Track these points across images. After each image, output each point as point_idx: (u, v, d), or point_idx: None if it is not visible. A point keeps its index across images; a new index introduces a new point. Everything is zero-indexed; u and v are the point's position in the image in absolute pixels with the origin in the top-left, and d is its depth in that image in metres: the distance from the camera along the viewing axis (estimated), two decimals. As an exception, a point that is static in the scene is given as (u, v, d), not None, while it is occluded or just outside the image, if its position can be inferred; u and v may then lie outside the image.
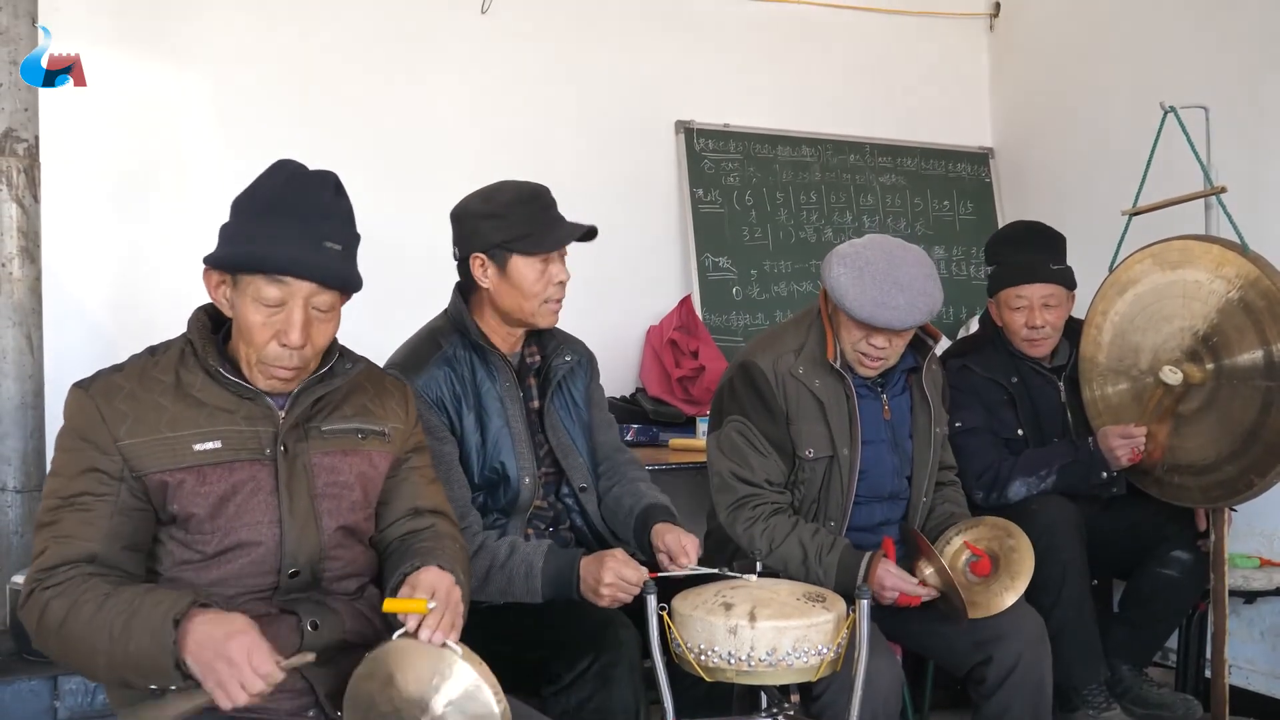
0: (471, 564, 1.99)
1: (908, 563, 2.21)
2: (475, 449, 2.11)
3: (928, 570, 2.17)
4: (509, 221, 2.10)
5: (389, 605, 1.50)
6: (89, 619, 1.44)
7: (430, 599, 1.49)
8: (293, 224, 1.54)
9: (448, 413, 2.09)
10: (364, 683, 1.48)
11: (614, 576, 1.93)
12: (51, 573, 1.49)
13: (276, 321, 1.55)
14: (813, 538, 2.19)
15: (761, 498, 2.25)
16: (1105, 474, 2.62)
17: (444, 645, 1.47)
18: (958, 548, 2.31)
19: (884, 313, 2.14)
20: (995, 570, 2.25)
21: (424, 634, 1.47)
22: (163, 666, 1.40)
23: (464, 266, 2.17)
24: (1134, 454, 2.58)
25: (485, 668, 1.48)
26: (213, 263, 1.59)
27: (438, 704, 1.45)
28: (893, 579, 2.14)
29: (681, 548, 2.04)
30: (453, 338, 2.16)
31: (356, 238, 1.63)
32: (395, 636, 1.48)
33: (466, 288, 2.21)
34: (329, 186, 1.60)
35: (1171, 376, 2.55)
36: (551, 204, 2.16)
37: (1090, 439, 2.66)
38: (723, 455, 2.29)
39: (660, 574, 1.98)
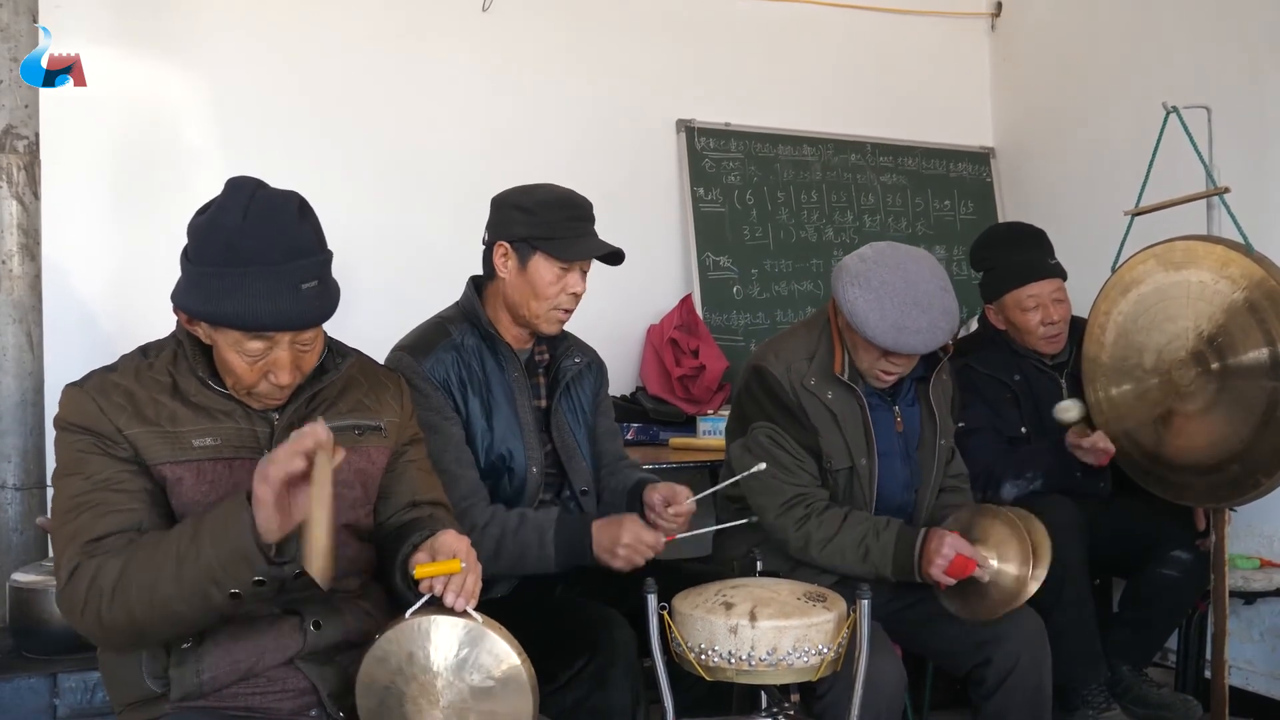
0: (483, 535, 2.01)
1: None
2: (480, 434, 2.12)
3: (989, 558, 2.11)
4: (539, 220, 2.11)
5: (421, 571, 1.48)
6: (149, 557, 1.41)
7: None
8: (265, 273, 1.44)
9: (453, 396, 2.10)
10: (378, 665, 1.47)
11: (632, 537, 1.98)
12: (100, 542, 1.45)
13: (263, 365, 1.52)
14: (867, 521, 2.19)
15: (811, 495, 2.24)
16: (1079, 473, 2.64)
17: (464, 614, 1.47)
18: None
19: (907, 338, 2.11)
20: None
21: (449, 598, 1.46)
22: (244, 547, 1.36)
23: (487, 251, 2.18)
24: (1099, 459, 2.60)
25: (506, 631, 1.50)
26: (183, 310, 1.53)
27: (463, 672, 1.46)
28: (952, 540, 2.07)
29: (674, 494, 2.07)
30: (462, 326, 2.17)
31: (329, 257, 1.55)
32: (409, 614, 1.47)
33: (483, 280, 2.22)
34: (292, 210, 1.50)
35: (1065, 414, 2.67)
36: (587, 217, 2.17)
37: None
38: (755, 459, 2.26)
39: (679, 534, 2.03)
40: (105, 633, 1.46)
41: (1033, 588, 2.09)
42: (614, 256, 2.18)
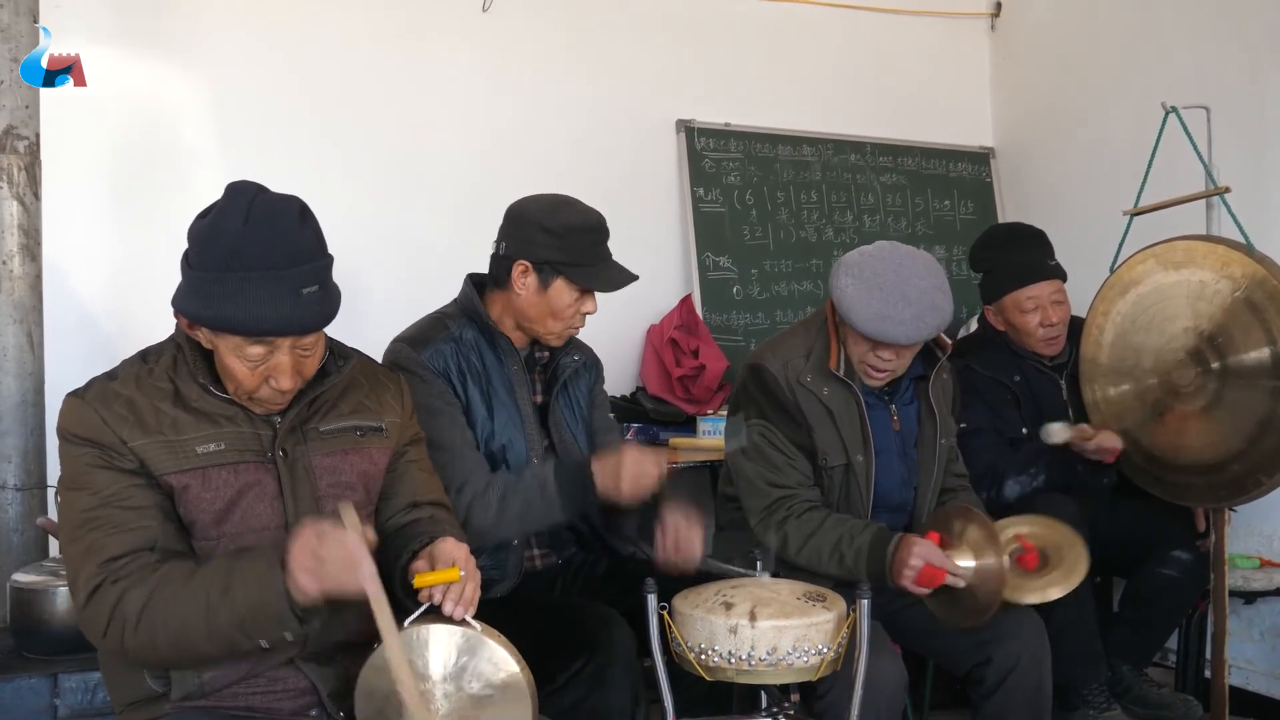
0: (484, 498, 2.02)
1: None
2: (481, 423, 2.13)
3: (961, 561, 2.08)
4: (566, 245, 2.11)
5: (421, 580, 1.49)
6: (175, 596, 1.43)
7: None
8: (266, 278, 1.44)
9: (452, 384, 2.11)
10: (377, 675, 1.47)
11: (633, 461, 1.99)
12: (118, 563, 1.45)
13: (264, 370, 1.53)
14: (844, 524, 2.17)
15: (795, 498, 2.23)
16: (1081, 466, 2.63)
17: (463, 622, 1.48)
18: (1008, 538, 2.23)
19: (889, 327, 2.11)
20: (1042, 568, 2.23)
21: (448, 606, 1.47)
22: (275, 610, 1.41)
23: (503, 262, 2.16)
24: (1106, 457, 2.59)
25: (505, 639, 1.50)
26: (184, 315, 1.53)
27: (462, 681, 1.46)
28: (921, 549, 2.05)
29: (689, 535, 2.05)
30: (461, 321, 2.19)
31: (330, 262, 1.54)
32: (407, 623, 1.47)
33: (484, 281, 2.23)
34: (293, 215, 1.50)
35: (1053, 438, 2.63)
36: (606, 238, 2.18)
37: None
38: (748, 460, 2.26)
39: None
40: (128, 656, 1.50)
41: (1048, 592, 2.12)
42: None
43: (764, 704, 1.90)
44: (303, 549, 1.41)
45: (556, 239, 2.11)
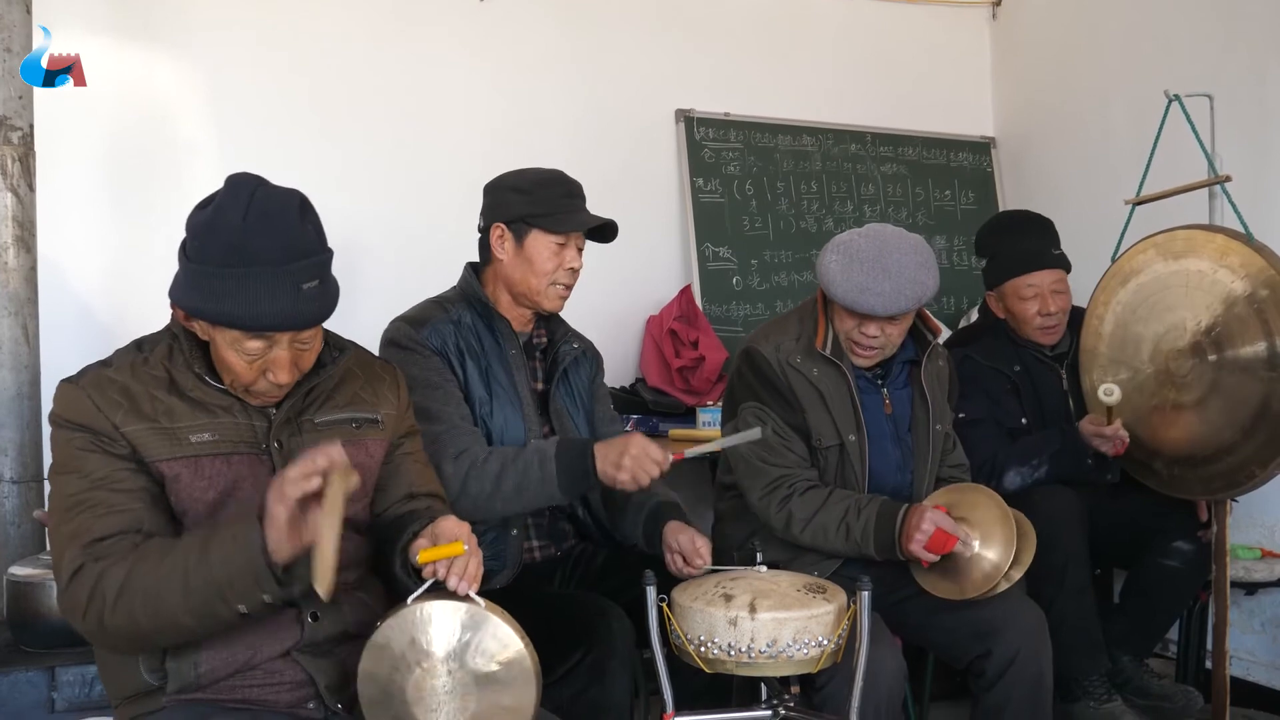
0: (483, 469, 2.01)
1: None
2: (480, 402, 2.13)
3: (971, 535, 2.10)
4: (534, 198, 2.15)
5: (425, 555, 1.48)
6: (155, 566, 1.41)
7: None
8: (266, 274, 1.44)
9: (450, 363, 2.11)
10: (380, 652, 1.46)
11: (639, 450, 1.96)
12: (101, 544, 1.44)
13: (261, 364, 1.52)
14: (849, 499, 2.19)
15: (794, 476, 2.24)
16: (1089, 459, 2.61)
17: (467, 598, 1.47)
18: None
19: (867, 298, 2.13)
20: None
21: (452, 580, 1.46)
22: (255, 568, 1.37)
23: (483, 236, 2.21)
24: (1116, 448, 2.57)
25: (509, 615, 1.49)
26: (182, 308, 1.52)
27: (466, 657, 1.45)
28: (933, 515, 2.07)
29: (695, 549, 2.02)
30: (460, 305, 2.20)
31: (330, 256, 1.53)
32: (411, 600, 1.46)
33: (482, 264, 2.24)
34: (294, 209, 1.49)
35: (1107, 398, 2.52)
36: (578, 194, 2.21)
37: (1076, 425, 2.65)
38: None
39: (686, 454, 2.01)
40: (107, 637, 1.47)
41: (1003, 586, 2.09)
42: (608, 231, 2.21)
43: (764, 696, 1.90)
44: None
45: (526, 194, 2.15)
